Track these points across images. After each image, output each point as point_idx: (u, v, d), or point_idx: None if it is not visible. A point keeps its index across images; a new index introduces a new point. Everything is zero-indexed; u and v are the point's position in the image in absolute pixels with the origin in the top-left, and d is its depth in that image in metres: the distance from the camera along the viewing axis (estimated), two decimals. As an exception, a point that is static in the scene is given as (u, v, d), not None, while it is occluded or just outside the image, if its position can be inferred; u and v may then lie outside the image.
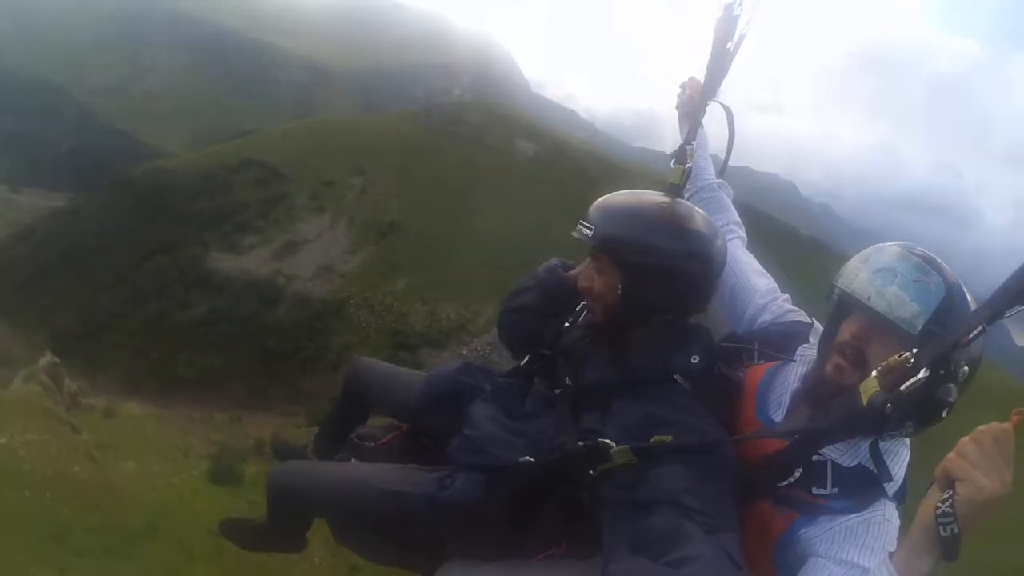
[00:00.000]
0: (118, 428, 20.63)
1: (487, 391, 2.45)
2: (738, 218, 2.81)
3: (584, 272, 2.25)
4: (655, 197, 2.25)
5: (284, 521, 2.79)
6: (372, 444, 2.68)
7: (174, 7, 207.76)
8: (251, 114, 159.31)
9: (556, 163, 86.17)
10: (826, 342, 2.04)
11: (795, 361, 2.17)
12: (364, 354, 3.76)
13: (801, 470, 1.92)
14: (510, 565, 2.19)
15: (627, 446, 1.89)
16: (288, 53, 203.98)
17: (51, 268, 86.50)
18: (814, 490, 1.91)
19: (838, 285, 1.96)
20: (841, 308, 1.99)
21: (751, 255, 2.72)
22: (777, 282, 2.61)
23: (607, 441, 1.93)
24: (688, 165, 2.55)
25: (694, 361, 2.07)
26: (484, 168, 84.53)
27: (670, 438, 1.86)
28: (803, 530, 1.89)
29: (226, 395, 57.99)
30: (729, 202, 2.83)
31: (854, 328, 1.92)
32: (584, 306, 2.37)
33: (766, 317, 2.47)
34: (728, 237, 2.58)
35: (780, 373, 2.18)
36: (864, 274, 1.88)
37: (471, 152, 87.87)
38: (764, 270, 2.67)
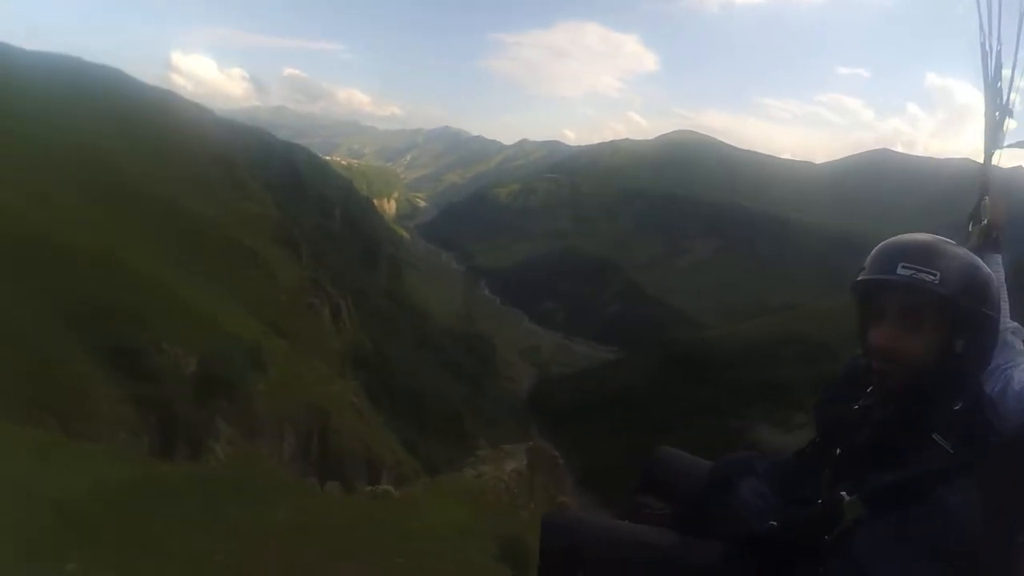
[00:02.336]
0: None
1: (762, 468, 2.29)
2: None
3: (886, 332, 1.84)
4: (958, 248, 1.87)
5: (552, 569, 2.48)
6: (648, 511, 2.50)
7: (702, 196, 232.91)
8: (776, 290, 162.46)
9: None
10: None
11: None
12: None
13: None
14: None
15: (857, 496, 1.66)
16: (807, 226, 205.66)
17: (598, 408, 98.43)
18: None
19: None
20: None
21: None
22: None
23: (841, 494, 1.70)
24: (984, 222, 2.31)
25: (956, 408, 1.76)
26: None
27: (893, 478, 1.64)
28: None
29: None
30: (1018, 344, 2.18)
31: None
32: (878, 376, 1.94)
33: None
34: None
35: None
36: None
37: None
38: None
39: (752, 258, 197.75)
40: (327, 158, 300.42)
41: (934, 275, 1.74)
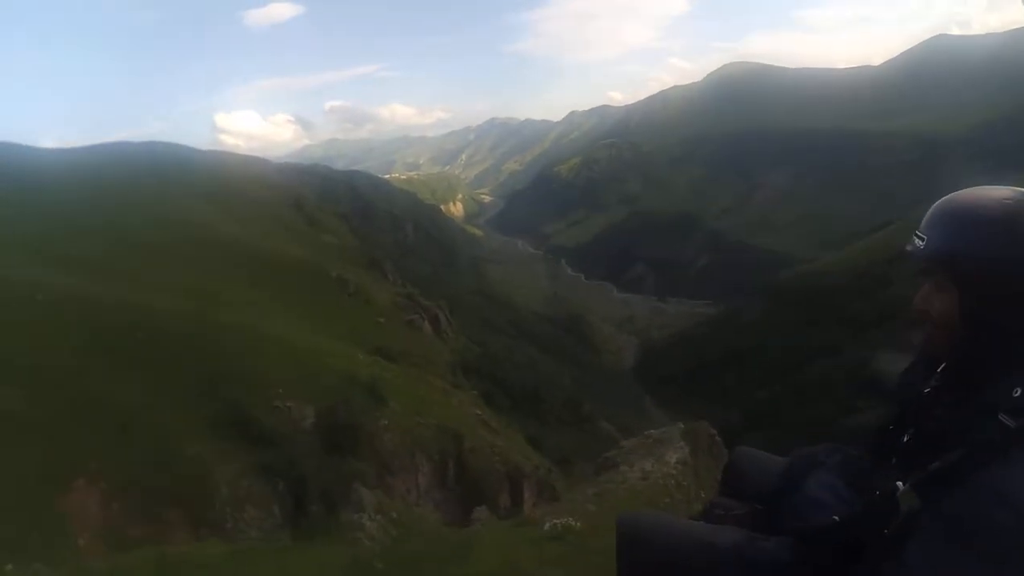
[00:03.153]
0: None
1: (832, 461, 2.19)
2: None
3: (921, 293, 1.78)
4: (1002, 192, 1.67)
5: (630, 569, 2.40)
6: (722, 512, 2.44)
7: (765, 126, 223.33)
8: (866, 206, 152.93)
9: None
10: None
11: None
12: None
13: None
14: None
15: (910, 485, 1.54)
16: (882, 133, 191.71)
17: (710, 367, 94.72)
18: None
19: None
20: None
21: None
22: None
23: (897, 484, 1.58)
24: None
25: (1016, 395, 1.54)
26: None
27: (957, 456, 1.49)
28: None
29: None
30: None
31: None
32: (925, 343, 1.92)
33: None
34: None
35: None
36: None
37: None
38: None
39: (833, 179, 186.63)
40: (386, 177, 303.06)
41: (922, 239, 1.71)
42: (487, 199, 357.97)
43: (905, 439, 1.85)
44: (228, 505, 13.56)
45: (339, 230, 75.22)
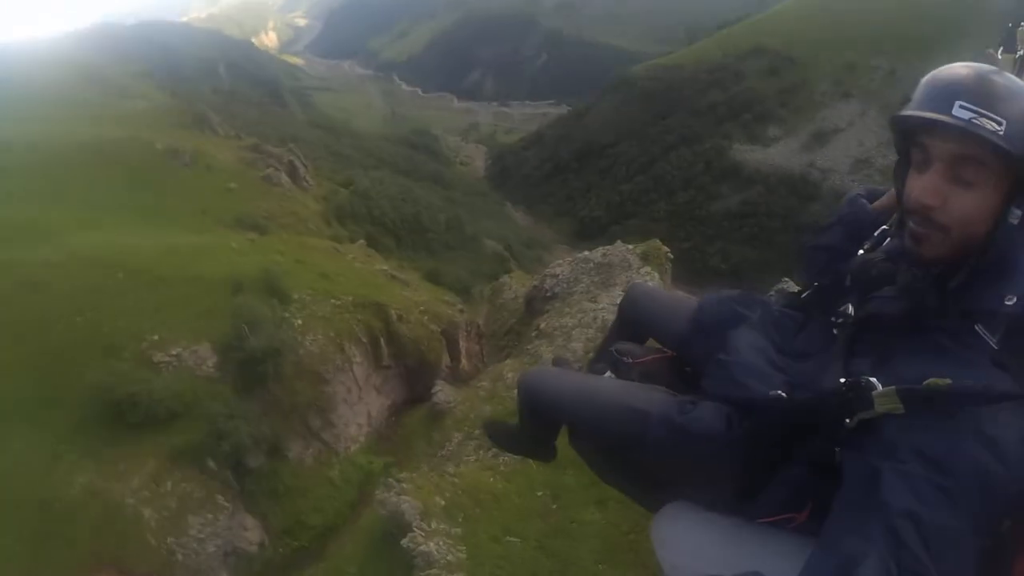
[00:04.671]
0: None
1: (755, 318, 2.09)
2: None
3: (931, 186, 1.50)
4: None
5: (533, 424, 2.59)
6: (630, 360, 2.34)
7: None
8: (704, 7, 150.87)
9: None
10: None
11: None
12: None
13: None
14: (738, 525, 1.81)
15: (893, 388, 1.42)
16: None
17: (566, 166, 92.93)
18: None
19: None
20: None
21: None
22: None
23: (871, 380, 1.47)
24: (1020, 53, 1.67)
25: (1008, 303, 1.46)
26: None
27: (948, 381, 1.36)
28: None
29: (759, 290, 56.43)
30: None
31: None
32: (900, 230, 1.69)
33: None
34: None
35: None
36: None
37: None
38: None
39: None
40: (184, 20, 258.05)
41: (1000, 123, 1.41)
42: (303, 22, 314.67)
43: (853, 314, 1.75)
44: (161, 534, 9.43)
45: (149, 93, 63.09)
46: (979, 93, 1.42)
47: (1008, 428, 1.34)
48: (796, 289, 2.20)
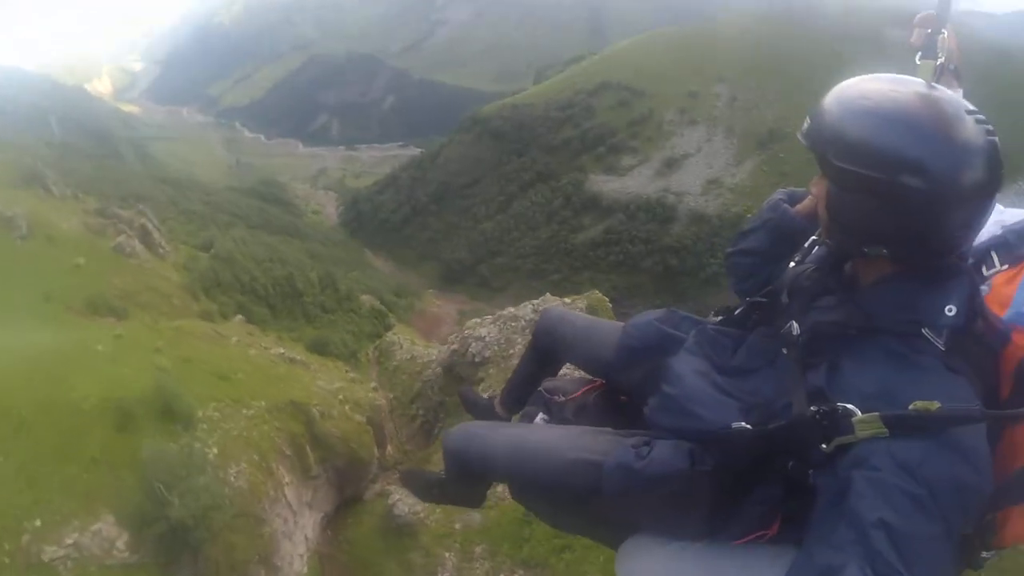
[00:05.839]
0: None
1: (691, 341, 1.98)
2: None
3: (814, 181, 1.68)
4: (898, 85, 1.50)
5: (462, 482, 2.39)
6: (562, 398, 2.24)
7: None
8: (546, 45, 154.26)
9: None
10: None
11: None
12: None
13: None
14: (705, 550, 1.73)
15: (877, 414, 1.39)
16: None
17: (424, 208, 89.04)
18: None
19: None
20: None
21: None
22: None
23: (849, 407, 1.44)
24: (940, 60, 1.75)
25: (949, 313, 1.47)
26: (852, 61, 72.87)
27: (936, 405, 1.33)
28: None
29: (633, 313, 56.50)
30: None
31: None
32: (816, 237, 1.85)
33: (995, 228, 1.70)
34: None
35: None
36: None
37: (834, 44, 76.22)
38: None
39: (513, 13, 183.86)
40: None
41: (806, 123, 1.59)
42: (138, 67, 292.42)
43: (797, 331, 1.68)
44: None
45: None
46: (824, 98, 1.55)
47: (982, 437, 1.37)
48: (728, 305, 2.09)
